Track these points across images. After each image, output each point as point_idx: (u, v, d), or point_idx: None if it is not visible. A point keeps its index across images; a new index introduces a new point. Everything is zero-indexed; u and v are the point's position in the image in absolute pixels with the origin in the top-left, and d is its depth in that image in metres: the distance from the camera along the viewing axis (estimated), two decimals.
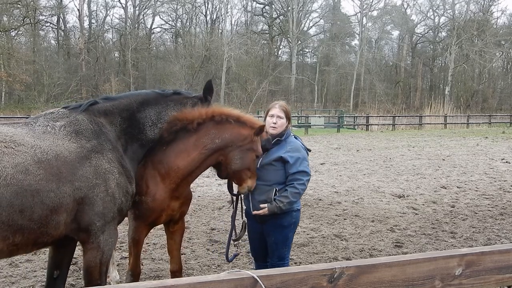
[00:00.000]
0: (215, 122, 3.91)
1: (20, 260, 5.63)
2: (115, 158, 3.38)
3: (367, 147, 19.63)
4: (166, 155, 3.92)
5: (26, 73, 38.32)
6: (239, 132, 3.91)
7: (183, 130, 3.91)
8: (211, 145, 3.88)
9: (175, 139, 3.93)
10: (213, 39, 50.46)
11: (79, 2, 48.67)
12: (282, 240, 4.24)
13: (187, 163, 3.89)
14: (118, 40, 52.88)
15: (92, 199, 3.18)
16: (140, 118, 3.69)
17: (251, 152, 3.94)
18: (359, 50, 55.96)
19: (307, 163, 4.16)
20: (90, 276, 3.37)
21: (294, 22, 52.17)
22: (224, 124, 3.92)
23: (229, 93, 50.28)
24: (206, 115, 3.90)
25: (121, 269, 5.50)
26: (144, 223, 4.02)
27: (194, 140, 3.88)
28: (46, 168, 2.98)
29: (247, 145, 3.92)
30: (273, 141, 4.17)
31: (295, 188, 4.05)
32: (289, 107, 4.37)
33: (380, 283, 1.86)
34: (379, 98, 51.82)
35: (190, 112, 3.92)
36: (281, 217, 4.16)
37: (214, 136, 3.88)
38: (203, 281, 1.60)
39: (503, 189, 10.75)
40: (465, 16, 54.95)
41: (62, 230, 3.12)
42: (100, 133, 3.39)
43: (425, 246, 6.59)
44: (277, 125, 4.16)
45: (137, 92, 3.85)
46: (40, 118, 3.35)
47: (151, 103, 3.76)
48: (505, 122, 39.95)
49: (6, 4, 36.77)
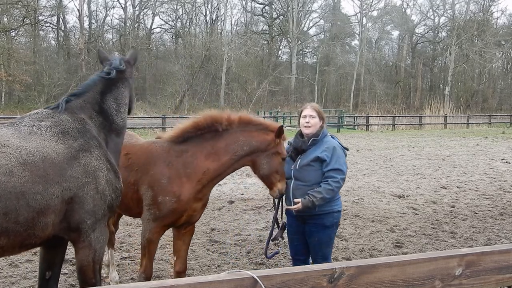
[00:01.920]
0: (242, 130, 4.05)
1: (20, 260, 5.63)
2: (102, 155, 3.36)
3: (367, 147, 19.63)
4: (194, 156, 3.99)
5: (26, 74, 38.28)
6: (264, 138, 4.04)
7: (210, 131, 4.03)
8: (240, 152, 4.02)
9: (200, 140, 4.02)
10: (213, 39, 50.43)
11: (79, 2, 48.71)
12: (325, 240, 4.30)
13: (217, 166, 4.00)
14: (118, 40, 52.88)
15: (82, 197, 3.15)
16: (107, 108, 3.61)
17: (277, 155, 4.05)
18: (359, 50, 55.96)
19: (343, 161, 4.21)
20: (84, 276, 3.35)
21: (294, 22, 52.18)
22: (251, 131, 4.06)
23: (229, 93, 50.27)
24: (234, 121, 4.06)
25: (121, 269, 5.50)
26: (163, 224, 4.04)
27: (224, 145, 4.01)
28: (32, 170, 2.92)
29: (272, 149, 4.04)
30: (310, 142, 4.23)
31: (328, 185, 4.08)
32: (321, 108, 4.47)
33: (380, 283, 1.86)
34: (379, 98, 51.81)
35: (220, 115, 4.05)
36: (323, 217, 4.21)
37: (243, 143, 4.02)
38: (203, 281, 1.60)
39: (503, 189, 10.75)
40: (465, 16, 54.94)
41: (51, 231, 3.08)
42: (85, 131, 3.36)
43: (425, 246, 6.59)
44: (310, 124, 4.24)
45: (91, 83, 3.64)
46: (26, 118, 3.30)
47: (107, 91, 3.64)
48: (505, 122, 39.94)
49: (6, 5, 36.76)
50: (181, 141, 4.08)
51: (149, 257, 4.10)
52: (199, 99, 48.25)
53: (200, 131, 4.04)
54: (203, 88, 49.45)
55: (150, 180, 4.00)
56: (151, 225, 4.01)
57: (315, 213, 4.15)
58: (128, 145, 4.28)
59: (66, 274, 5.20)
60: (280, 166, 4.08)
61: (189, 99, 46.41)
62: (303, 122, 4.27)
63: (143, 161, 4.10)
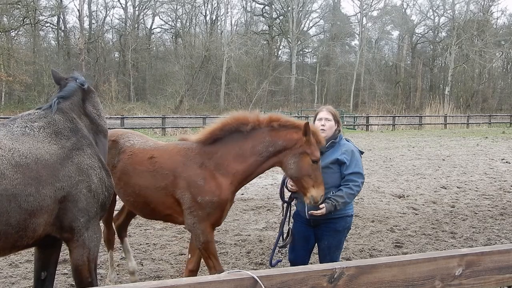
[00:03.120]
0: (270, 129, 3.96)
1: (20, 260, 5.63)
2: (94, 153, 3.38)
3: (367, 147, 19.62)
4: (224, 157, 3.97)
5: (26, 74, 38.29)
6: (291, 137, 3.92)
7: (237, 131, 3.98)
8: (266, 153, 3.94)
9: (228, 141, 3.98)
10: (213, 40, 50.45)
11: (79, 3, 48.68)
12: (336, 244, 4.23)
13: (244, 167, 3.96)
14: (118, 41, 52.90)
15: (75, 196, 3.15)
16: (89, 113, 3.67)
17: (305, 155, 3.87)
18: (359, 50, 55.94)
19: (361, 165, 4.19)
20: (80, 275, 3.34)
21: (294, 22, 52.18)
22: (278, 131, 3.95)
23: (229, 93, 50.28)
24: (263, 121, 3.98)
25: (121, 269, 5.50)
26: (210, 223, 4.00)
27: (250, 146, 3.95)
28: (24, 172, 2.91)
29: (299, 149, 3.88)
30: (328, 144, 4.19)
31: (350, 189, 4.04)
32: (336, 111, 4.42)
33: (380, 283, 1.86)
34: (379, 98, 51.76)
35: (247, 115, 4.00)
36: (336, 222, 4.14)
37: (268, 144, 3.92)
38: (203, 281, 1.60)
39: (503, 189, 10.75)
40: (465, 16, 54.92)
41: (43, 232, 3.08)
42: (76, 130, 3.38)
43: (425, 246, 6.59)
44: (325, 127, 4.20)
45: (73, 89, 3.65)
46: (18, 119, 3.30)
47: (86, 99, 3.70)
48: (505, 122, 39.94)
49: (6, 5, 36.76)
50: (210, 142, 4.03)
51: (214, 256, 4.07)
52: (199, 99, 48.27)
53: (228, 132, 3.99)
54: (203, 88, 49.46)
55: (185, 183, 3.94)
56: (201, 227, 3.96)
57: (330, 217, 4.07)
58: (150, 148, 4.24)
59: (66, 274, 5.20)
60: (311, 169, 3.86)
61: (189, 99, 46.40)
62: (319, 125, 4.21)
63: (173, 164, 4.02)
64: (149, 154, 4.14)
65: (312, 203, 3.89)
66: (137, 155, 4.22)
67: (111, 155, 4.29)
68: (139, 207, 4.29)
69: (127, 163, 4.23)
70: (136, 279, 4.98)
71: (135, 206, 4.33)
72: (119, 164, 4.29)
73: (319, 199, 3.87)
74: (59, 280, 4.99)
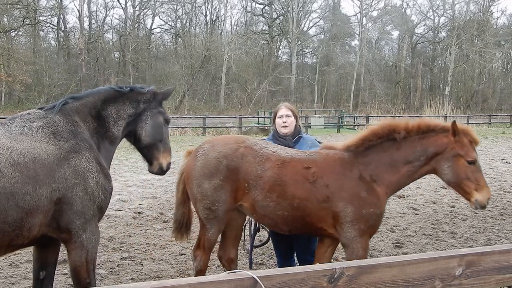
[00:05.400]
0: (420, 137, 3.80)
1: (20, 260, 5.63)
2: (93, 157, 3.39)
3: None
4: (377, 168, 3.81)
5: (26, 74, 38.28)
6: (441, 141, 3.75)
7: (389, 140, 3.82)
8: (418, 162, 3.79)
9: (380, 151, 3.84)
10: (213, 40, 50.46)
11: (79, 3, 48.70)
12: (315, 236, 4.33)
13: (397, 178, 3.82)
14: (118, 41, 52.88)
15: (71, 198, 3.17)
16: (105, 116, 3.68)
17: (458, 158, 3.68)
18: (359, 50, 55.93)
19: None
20: (78, 276, 3.36)
21: (294, 23, 52.16)
22: (429, 137, 3.78)
23: (229, 93, 50.29)
24: (413, 128, 3.81)
25: (121, 269, 5.50)
26: (369, 236, 3.88)
27: (403, 156, 3.79)
28: (22, 171, 2.94)
29: (451, 152, 3.70)
30: (295, 139, 4.41)
31: None
32: (294, 107, 4.65)
33: (380, 283, 1.86)
34: (379, 98, 51.77)
35: (397, 123, 3.86)
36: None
37: (420, 153, 3.77)
38: (203, 281, 1.60)
39: (503, 189, 10.75)
40: (465, 16, 54.92)
41: (39, 232, 3.10)
42: (76, 133, 3.39)
43: (425, 247, 6.59)
44: (287, 123, 4.44)
45: (98, 90, 3.78)
46: (17, 119, 3.32)
47: (111, 101, 3.72)
48: (505, 122, 39.89)
49: (6, 5, 36.77)
50: (361, 151, 3.86)
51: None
52: (199, 99, 48.29)
53: (378, 140, 3.83)
54: (203, 88, 49.47)
55: (347, 195, 3.74)
56: (362, 241, 3.77)
57: None
58: (301, 157, 3.92)
59: (65, 274, 5.19)
60: (469, 171, 3.66)
61: (189, 99, 46.41)
62: (280, 122, 4.43)
63: (333, 176, 3.81)
64: (303, 163, 3.84)
65: (478, 208, 3.70)
66: (289, 164, 3.84)
67: (248, 163, 3.84)
68: (292, 221, 3.86)
69: (280, 173, 3.80)
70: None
71: (287, 220, 3.86)
72: (268, 173, 3.81)
73: (485, 203, 3.67)
74: (59, 280, 4.99)
